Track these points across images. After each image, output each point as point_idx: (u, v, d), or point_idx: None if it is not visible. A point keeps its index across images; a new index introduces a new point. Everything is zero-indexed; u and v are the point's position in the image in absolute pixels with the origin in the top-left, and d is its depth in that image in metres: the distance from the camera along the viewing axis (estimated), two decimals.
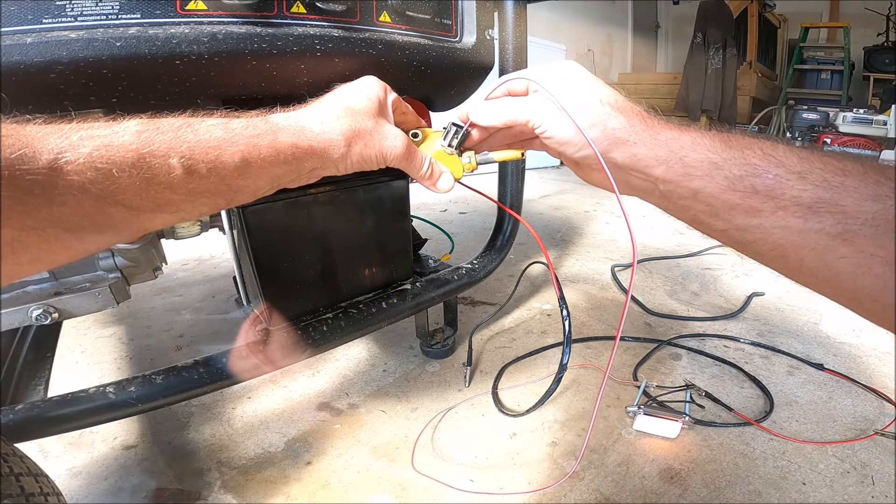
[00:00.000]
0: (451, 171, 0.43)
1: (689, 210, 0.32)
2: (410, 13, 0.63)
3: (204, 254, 1.62)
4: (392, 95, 0.41)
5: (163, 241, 0.77)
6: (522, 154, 0.45)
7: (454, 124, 0.43)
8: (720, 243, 0.34)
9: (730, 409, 0.80)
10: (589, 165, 0.37)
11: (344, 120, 0.36)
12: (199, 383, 0.58)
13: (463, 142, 0.43)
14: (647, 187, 0.34)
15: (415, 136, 0.44)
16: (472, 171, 0.45)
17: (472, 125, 0.41)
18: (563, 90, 0.35)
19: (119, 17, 0.43)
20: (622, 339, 1.05)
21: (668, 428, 0.75)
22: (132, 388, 0.54)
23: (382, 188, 0.74)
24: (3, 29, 0.39)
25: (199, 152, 0.28)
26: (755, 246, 0.30)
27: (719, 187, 0.30)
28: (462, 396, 0.85)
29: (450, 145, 0.43)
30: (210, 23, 0.48)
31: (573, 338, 1.04)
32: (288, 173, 0.34)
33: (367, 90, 0.39)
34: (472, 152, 0.44)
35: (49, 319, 0.55)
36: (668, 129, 0.33)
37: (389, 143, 0.38)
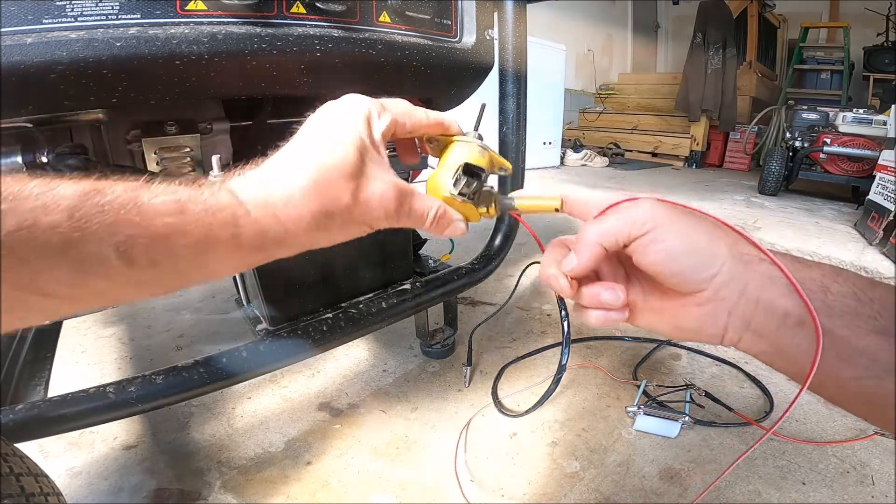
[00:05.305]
0: (466, 215, 0.34)
1: (802, 357, 0.26)
2: (410, 13, 0.63)
3: None
4: (383, 122, 0.31)
5: None
6: (557, 209, 0.34)
7: (466, 168, 0.33)
8: (827, 401, 0.28)
9: (730, 408, 0.80)
10: (683, 298, 0.28)
11: (312, 198, 0.28)
12: (199, 383, 0.57)
13: (479, 190, 0.34)
14: (740, 324, 0.27)
15: (431, 141, 0.36)
16: (492, 217, 0.36)
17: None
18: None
19: (119, 17, 0.43)
20: (622, 339, 1.05)
21: (668, 428, 0.75)
22: (132, 388, 0.54)
23: None
24: (3, 29, 0.39)
25: (143, 242, 0.23)
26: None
27: (865, 327, 0.25)
28: (462, 396, 0.85)
29: (461, 194, 0.33)
30: (210, 23, 0.48)
31: (572, 338, 1.04)
32: (253, 263, 0.29)
33: (345, 132, 0.29)
34: (494, 202, 0.35)
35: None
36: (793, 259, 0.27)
37: (375, 213, 0.30)
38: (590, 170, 3.90)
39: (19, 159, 0.48)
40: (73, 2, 0.41)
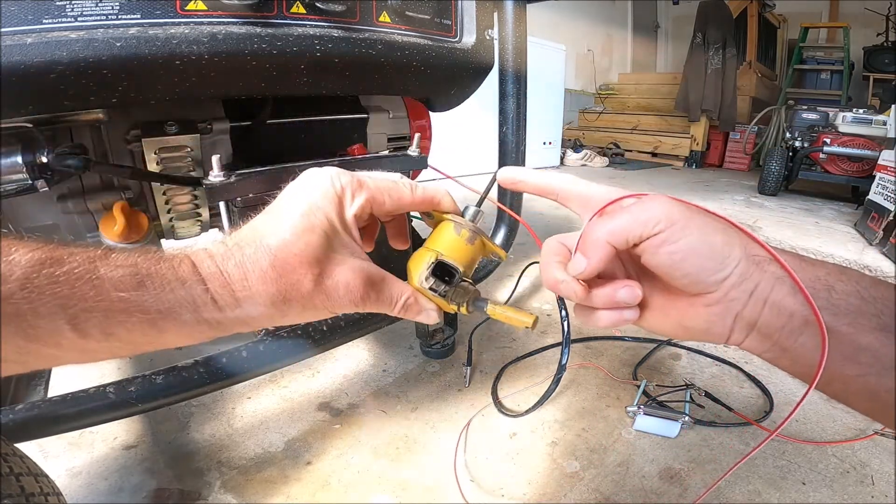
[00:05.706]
0: (438, 304, 0.33)
1: (807, 356, 0.26)
2: (410, 13, 0.63)
3: None
4: (357, 202, 0.29)
5: (163, 241, 0.77)
6: (528, 326, 0.34)
7: (438, 267, 0.32)
8: (829, 397, 0.28)
9: (730, 408, 0.80)
10: (691, 298, 0.27)
11: (269, 283, 0.27)
12: (199, 383, 0.58)
13: (453, 287, 0.33)
14: (745, 325, 0.27)
15: (426, 213, 0.34)
16: (465, 314, 0.35)
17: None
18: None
19: (119, 17, 0.43)
20: (622, 339, 1.05)
21: (668, 428, 0.75)
22: (132, 388, 0.54)
23: None
24: (3, 29, 0.39)
25: (98, 316, 0.23)
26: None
27: (869, 325, 0.25)
28: (462, 396, 0.85)
29: (432, 289, 0.32)
30: (210, 23, 0.48)
31: (572, 338, 1.04)
32: (210, 337, 0.28)
33: (312, 214, 0.27)
34: (467, 301, 0.34)
35: None
36: (797, 257, 0.27)
37: (339, 301, 0.28)
38: (590, 170, 3.90)
39: (19, 159, 0.48)
40: (73, 2, 0.41)
